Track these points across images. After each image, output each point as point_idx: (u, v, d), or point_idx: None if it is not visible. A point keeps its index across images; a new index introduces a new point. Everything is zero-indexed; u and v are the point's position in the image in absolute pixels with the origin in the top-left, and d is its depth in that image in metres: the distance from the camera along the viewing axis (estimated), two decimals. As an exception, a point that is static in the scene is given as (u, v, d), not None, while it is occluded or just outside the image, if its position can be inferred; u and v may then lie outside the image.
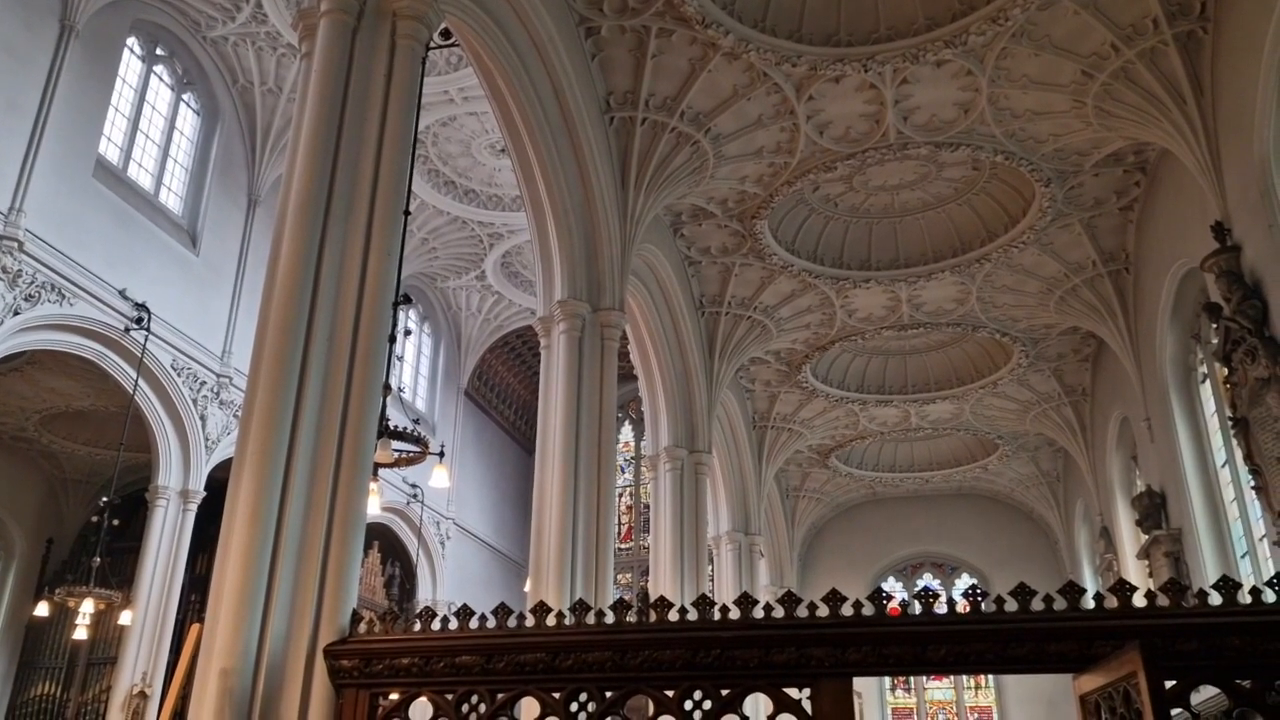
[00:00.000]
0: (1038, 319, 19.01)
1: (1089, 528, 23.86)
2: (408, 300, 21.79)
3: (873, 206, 16.77)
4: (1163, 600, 4.88)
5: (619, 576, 27.45)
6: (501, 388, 27.35)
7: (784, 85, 13.56)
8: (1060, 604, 4.97)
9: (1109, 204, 15.78)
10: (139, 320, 14.49)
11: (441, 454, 11.61)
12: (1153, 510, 16.39)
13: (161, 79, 16.25)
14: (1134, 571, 18.20)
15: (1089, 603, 5.01)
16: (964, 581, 29.02)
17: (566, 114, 12.44)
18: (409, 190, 7.54)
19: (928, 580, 29.29)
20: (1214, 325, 11.75)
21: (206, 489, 15.83)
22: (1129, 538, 19.26)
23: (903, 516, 29.19)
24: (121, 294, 14.30)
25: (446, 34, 10.71)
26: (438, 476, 12.10)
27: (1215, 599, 4.81)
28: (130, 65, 15.55)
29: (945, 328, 19.77)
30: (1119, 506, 20.01)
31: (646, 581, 21.36)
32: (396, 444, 9.66)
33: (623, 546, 28.42)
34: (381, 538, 20.97)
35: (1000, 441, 25.03)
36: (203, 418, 15.99)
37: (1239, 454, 11.91)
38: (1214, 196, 11.98)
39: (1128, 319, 17.12)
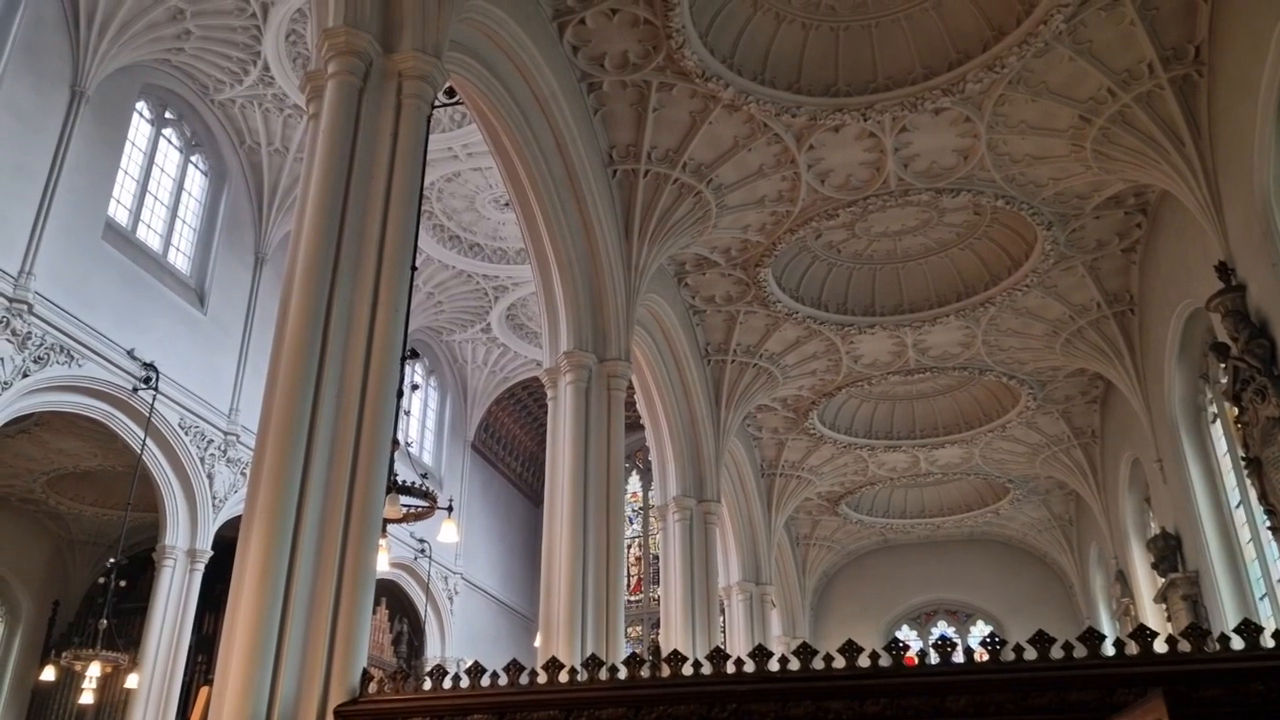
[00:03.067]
0: (1044, 361, 18.99)
1: (1104, 572, 23.58)
2: (414, 354, 21.79)
3: (876, 252, 16.85)
4: (1184, 646, 4.81)
5: (629, 629, 27.13)
6: (508, 440, 27.29)
7: (784, 135, 13.71)
8: (1080, 651, 4.89)
9: (1111, 246, 15.84)
10: (147, 380, 14.53)
11: (450, 508, 11.56)
12: (1168, 553, 16.21)
13: (170, 141, 16.49)
14: (1152, 616, 17.96)
15: (1109, 650, 4.94)
16: (979, 629, 28.65)
17: (570, 168, 12.57)
18: (415, 246, 7.60)
19: (942, 628, 28.93)
20: (1222, 365, 11.72)
21: (214, 548, 15.75)
22: (1145, 581, 19.03)
23: (915, 563, 28.90)
24: (130, 354, 14.36)
25: (451, 92, 10.89)
26: (446, 531, 12.01)
27: (1237, 643, 4.73)
28: (139, 129, 15.79)
29: (951, 372, 19.75)
30: (1134, 549, 19.80)
31: (657, 634, 21.10)
32: (405, 499, 9.62)
33: (632, 599, 28.14)
34: (389, 594, 20.79)
35: (1011, 485, 24.86)
36: (210, 476, 15.96)
37: (1253, 494, 11.81)
38: (1216, 236, 12.03)
39: (1135, 360, 17.09)
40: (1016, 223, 15.67)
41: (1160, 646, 4.85)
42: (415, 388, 22.07)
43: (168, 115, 16.38)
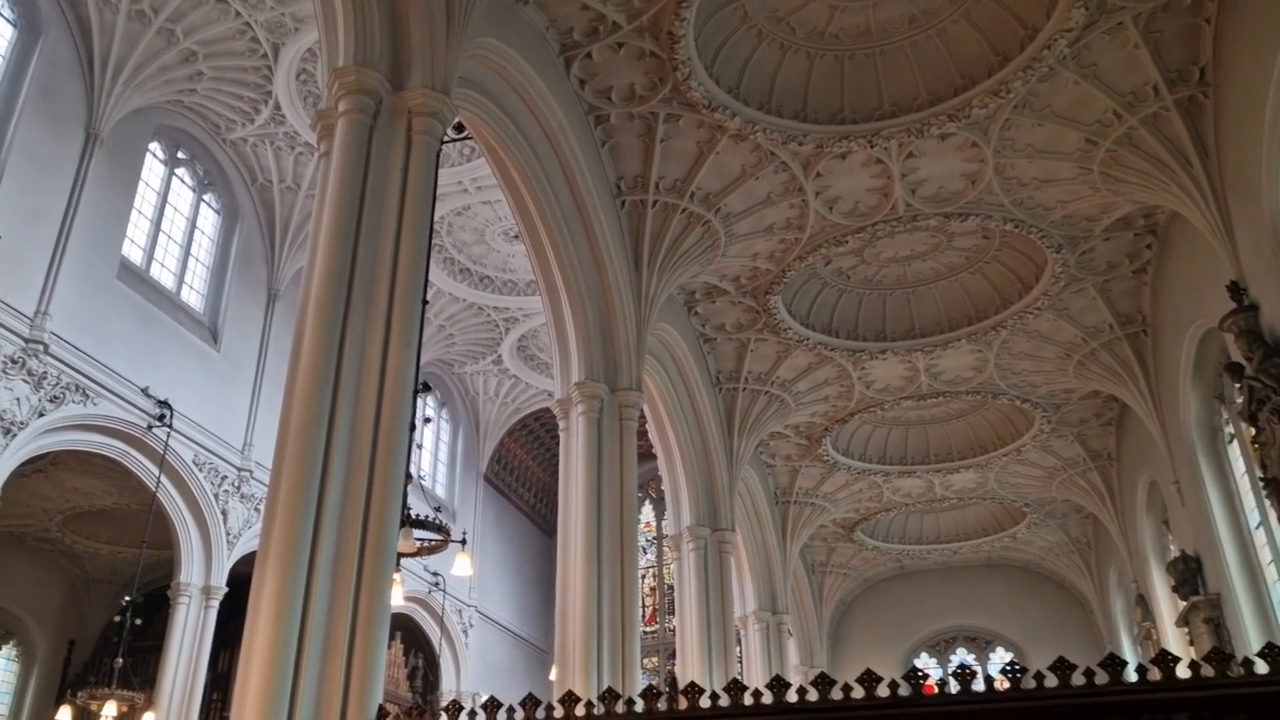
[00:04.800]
0: (1058, 384, 18.91)
1: (1124, 595, 23.33)
2: (426, 388, 21.88)
3: (885, 278, 16.86)
4: (1208, 670, 4.75)
5: (645, 661, 26.92)
6: (520, 471, 27.27)
7: (791, 163, 13.78)
8: (1102, 678, 4.84)
9: (1122, 267, 15.82)
10: (161, 417, 14.61)
11: (464, 541, 11.54)
12: (1189, 576, 16.03)
13: (183, 181, 16.67)
14: (1174, 640, 17.74)
15: (1132, 675, 4.88)
16: (999, 656, 28.32)
17: (578, 199, 12.66)
18: (426, 280, 7.65)
19: (962, 655, 28.61)
20: (1237, 385, 11.65)
21: (228, 584, 15.73)
22: (1166, 605, 18.81)
23: (932, 590, 28.65)
24: (144, 392, 14.44)
25: (459, 127, 11.01)
26: (460, 565, 11.99)
27: (1261, 667, 4.67)
28: (153, 169, 15.97)
29: (965, 396, 19.68)
30: (1154, 573, 19.59)
31: (673, 665, 20.93)
32: (418, 533, 9.61)
33: (648, 629, 27.95)
34: (403, 628, 20.71)
35: (1027, 509, 24.67)
36: (224, 512, 15.98)
37: (1273, 515, 11.71)
38: (1227, 256, 12.00)
39: (1149, 381, 16.99)
40: (1026, 246, 15.66)
41: (1183, 672, 4.79)
42: (428, 421, 22.10)
43: (180, 155, 16.57)
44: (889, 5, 12.04)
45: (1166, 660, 4.81)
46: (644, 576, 28.47)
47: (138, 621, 15.63)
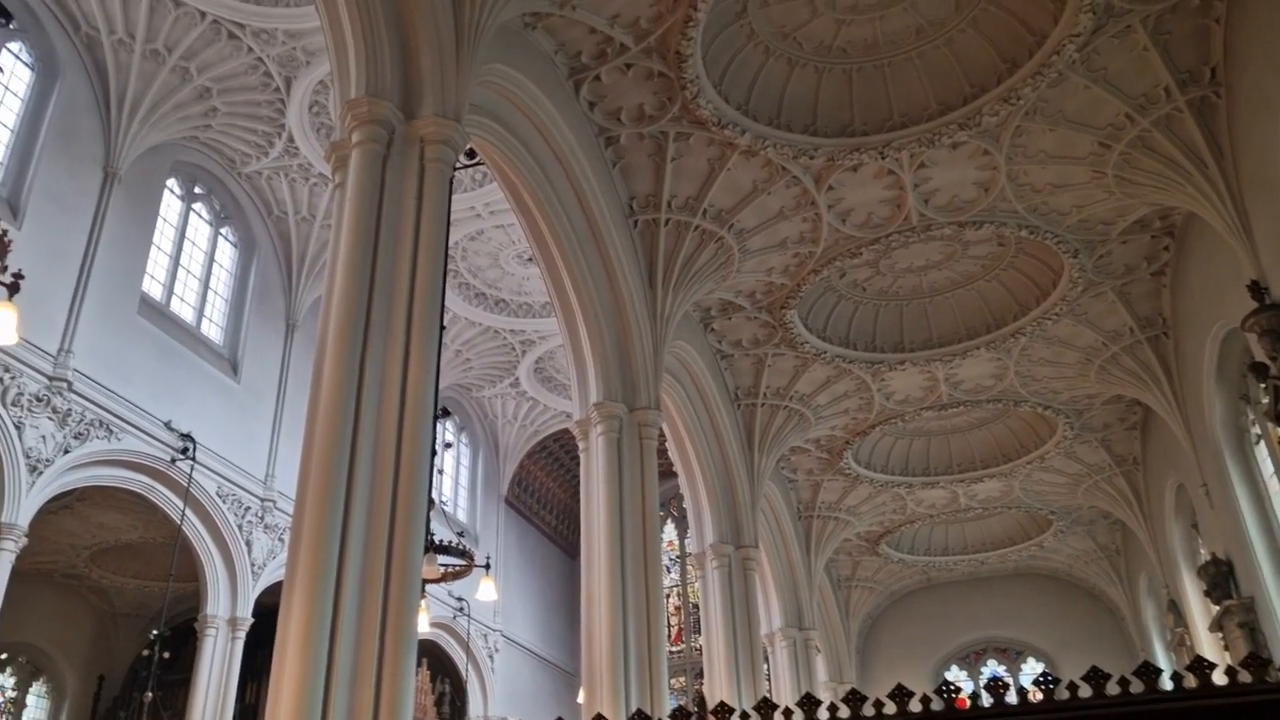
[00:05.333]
0: (1079, 389, 18.76)
1: (1155, 602, 23.04)
2: (446, 413, 21.93)
3: (901, 288, 16.81)
4: (1245, 676, 4.67)
5: (672, 681, 26.76)
6: (541, 493, 27.25)
7: (803, 177, 13.79)
8: (1137, 687, 4.77)
9: (1140, 270, 15.71)
10: (184, 450, 14.70)
11: (488, 566, 11.55)
12: (1220, 579, 15.83)
13: (200, 215, 16.85)
14: (1208, 645, 17.49)
15: (1167, 684, 4.80)
16: (1031, 666, 27.99)
17: (591, 220, 12.70)
18: (442, 305, 7.68)
19: (993, 668, 28.30)
20: (1262, 385, 11.53)
21: (254, 615, 15.77)
22: (1199, 610, 18.56)
23: (960, 601, 28.38)
24: (167, 425, 14.54)
25: (471, 153, 11.09)
26: (484, 589, 11.98)
27: (1301, 671, 4.60)
28: (170, 204, 16.15)
29: (986, 404, 19.56)
30: (1185, 577, 19.34)
31: (701, 684, 20.79)
32: (442, 558, 9.62)
33: (674, 649, 27.79)
34: (429, 654, 20.67)
35: (1054, 517, 24.44)
36: (248, 543, 16.04)
37: (1304, 515, 11.54)
38: (1246, 256, 11.90)
39: (1172, 384, 16.84)
40: (1042, 252, 15.59)
41: (1220, 678, 4.72)
42: (448, 446, 22.16)
43: (197, 190, 16.75)
44: (895, 17, 12.06)
45: (1202, 666, 4.74)
46: (668, 595, 28.36)
47: (166, 655, 15.66)
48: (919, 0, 11.85)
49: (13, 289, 6.05)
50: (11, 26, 13.51)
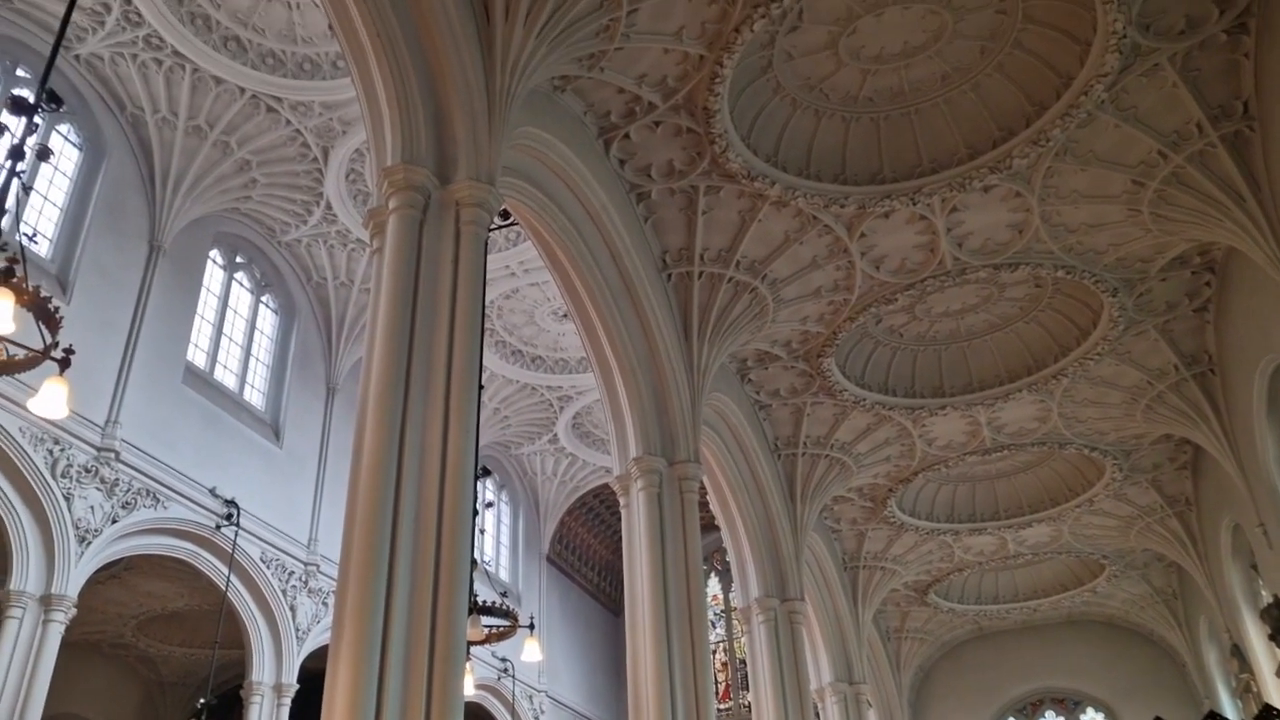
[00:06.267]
0: (1126, 430, 18.42)
1: (1218, 646, 22.31)
2: (486, 472, 21.95)
3: (939, 333, 16.69)
4: (1319, 724, 4.50)
5: (721, 739, 26.25)
6: (582, 550, 27.10)
7: (835, 226, 13.82)
8: (1206, 737, 4.60)
9: (1182, 307, 15.49)
10: (229, 516, 14.83)
11: (532, 626, 11.45)
12: (1285, 622, 15.30)
13: (241, 284, 17.20)
14: (1275, 691, 16.87)
15: (1237, 733, 4.63)
16: (1090, 717, 27.14)
17: (625, 276, 12.80)
18: (480, 365, 7.75)
19: (1050, 718, 27.45)
20: (1316, 419, 11.26)
21: (300, 680, 15.73)
22: (1264, 654, 17.93)
23: (1013, 651, 27.68)
24: (212, 492, 14.70)
25: (505, 214, 11.25)
26: (529, 650, 11.87)
27: (1378, 718, 4.41)
28: (213, 275, 16.52)
29: (1030, 448, 19.25)
30: (1247, 620, 18.74)
31: (751, 743, 20.35)
32: (486, 619, 9.57)
33: (722, 706, 27.30)
34: (475, 717, 20.46)
35: (1106, 561, 23.85)
36: (293, 608, 16.06)
37: (1370, 553, 11.17)
38: (1291, 288, 11.71)
39: (1221, 421, 16.48)
40: (1080, 292, 15.44)
41: (1293, 727, 4.55)
42: (489, 505, 22.17)
43: (238, 260, 17.13)
44: (920, 65, 12.15)
45: (1271, 714, 4.57)
46: (715, 651, 27.93)
47: (212, 723, 15.65)
48: (944, 48, 11.94)
49: (64, 364, 6.20)
50: (62, 110, 13.99)
